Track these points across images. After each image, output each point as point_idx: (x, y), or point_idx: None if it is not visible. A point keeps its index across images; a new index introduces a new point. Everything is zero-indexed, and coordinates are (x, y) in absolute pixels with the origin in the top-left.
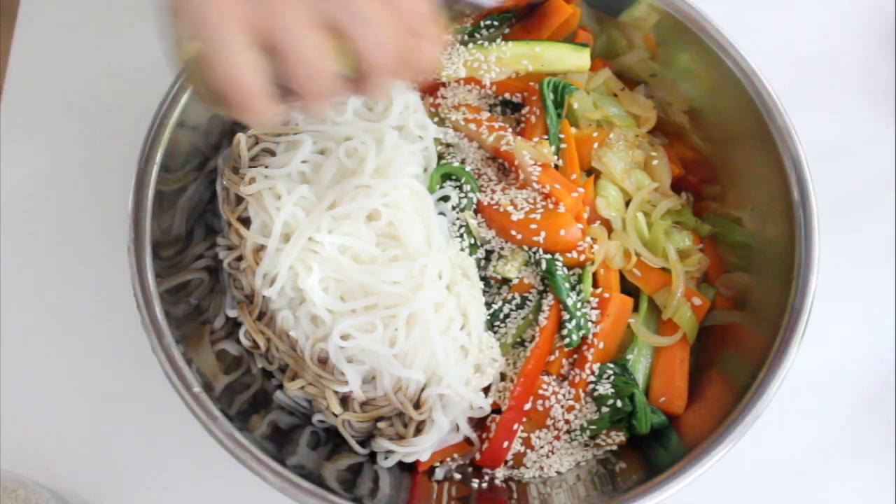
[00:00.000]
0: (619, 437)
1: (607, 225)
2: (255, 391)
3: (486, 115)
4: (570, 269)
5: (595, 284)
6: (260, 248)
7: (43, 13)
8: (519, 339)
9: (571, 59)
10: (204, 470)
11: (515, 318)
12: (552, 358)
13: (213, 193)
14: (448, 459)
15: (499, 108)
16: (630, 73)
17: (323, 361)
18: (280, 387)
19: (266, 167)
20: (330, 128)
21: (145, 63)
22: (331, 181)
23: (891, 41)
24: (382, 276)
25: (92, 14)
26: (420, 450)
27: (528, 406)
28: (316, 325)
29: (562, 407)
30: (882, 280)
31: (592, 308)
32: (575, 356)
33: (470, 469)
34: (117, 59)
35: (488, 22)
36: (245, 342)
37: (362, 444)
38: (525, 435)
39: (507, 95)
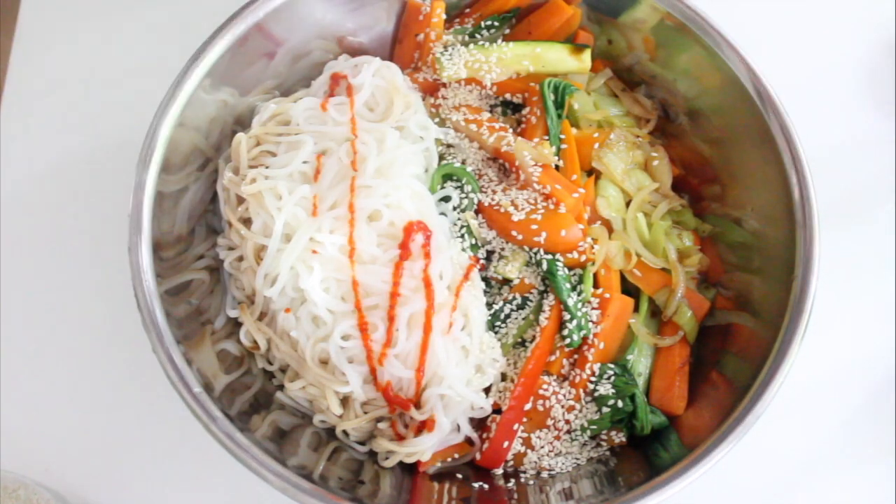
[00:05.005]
0: (619, 437)
1: (608, 225)
2: (256, 391)
3: (486, 115)
4: (570, 269)
5: (596, 285)
6: (261, 249)
7: (43, 13)
8: (520, 340)
9: (572, 60)
10: (204, 470)
11: (516, 318)
12: (553, 358)
13: (215, 194)
14: (449, 459)
15: (499, 109)
16: (631, 74)
17: (324, 362)
18: (281, 387)
19: (267, 167)
20: (331, 128)
21: (145, 63)
22: (332, 181)
23: (891, 41)
24: (383, 277)
25: (92, 14)
26: (421, 450)
27: (528, 406)
28: (317, 326)
29: (562, 407)
30: (882, 280)
31: (593, 308)
32: (575, 356)
33: (471, 469)
34: (117, 60)
35: (489, 22)
36: (246, 342)
37: (362, 442)
38: (525, 435)
39: (507, 96)
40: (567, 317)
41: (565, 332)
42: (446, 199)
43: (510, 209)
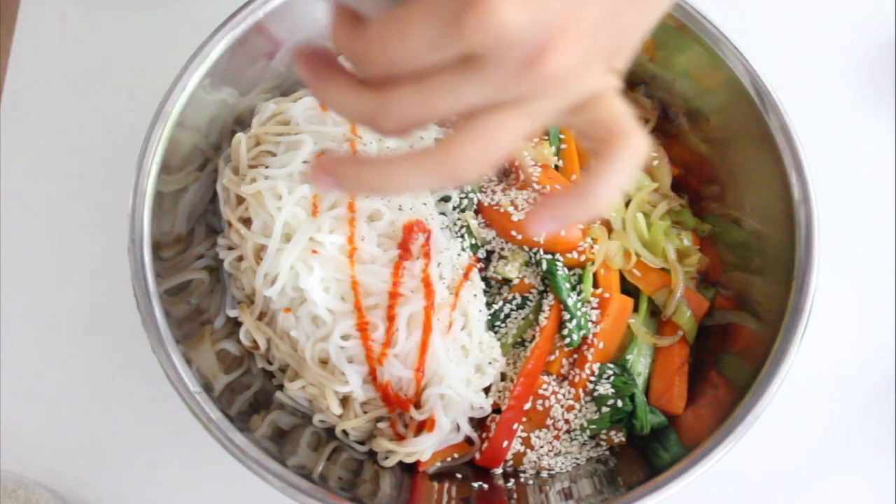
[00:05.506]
0: (618, 437)
1: (607, 225)
2: (256, 391)
3: None
4: (570, 269)
5: (595, 285)
6: (261, 248)
7: (43, 13)
8: (519, 339)
9: None
10: (204, 470)
11: (516, 318)
12: (552, 358)
13: (215, 194)
14: (448, 459)
15: None
16: (630, 75)
17: (324, 362)
18: (281, 387)
19: (266, 167)
20: (330, 128)
21: (145, 63)
22: None
23: (891, 41)
24: (383, 276)
25: (92, 14)
26: (420, 450)
27: (527, 406)
28: (317, 326)
29: (562, 407)
30: (882, 280)
31: (593, 308)
32: (575, 356)
33: (470, 469)
34: (117, 59)
35: None
36: (245, 342)
37: (362, 442)
38: (525, 435)
39: None
40: (567, 316)
41: (565, 332)
42: (446, 198)
43: (510, 209)
